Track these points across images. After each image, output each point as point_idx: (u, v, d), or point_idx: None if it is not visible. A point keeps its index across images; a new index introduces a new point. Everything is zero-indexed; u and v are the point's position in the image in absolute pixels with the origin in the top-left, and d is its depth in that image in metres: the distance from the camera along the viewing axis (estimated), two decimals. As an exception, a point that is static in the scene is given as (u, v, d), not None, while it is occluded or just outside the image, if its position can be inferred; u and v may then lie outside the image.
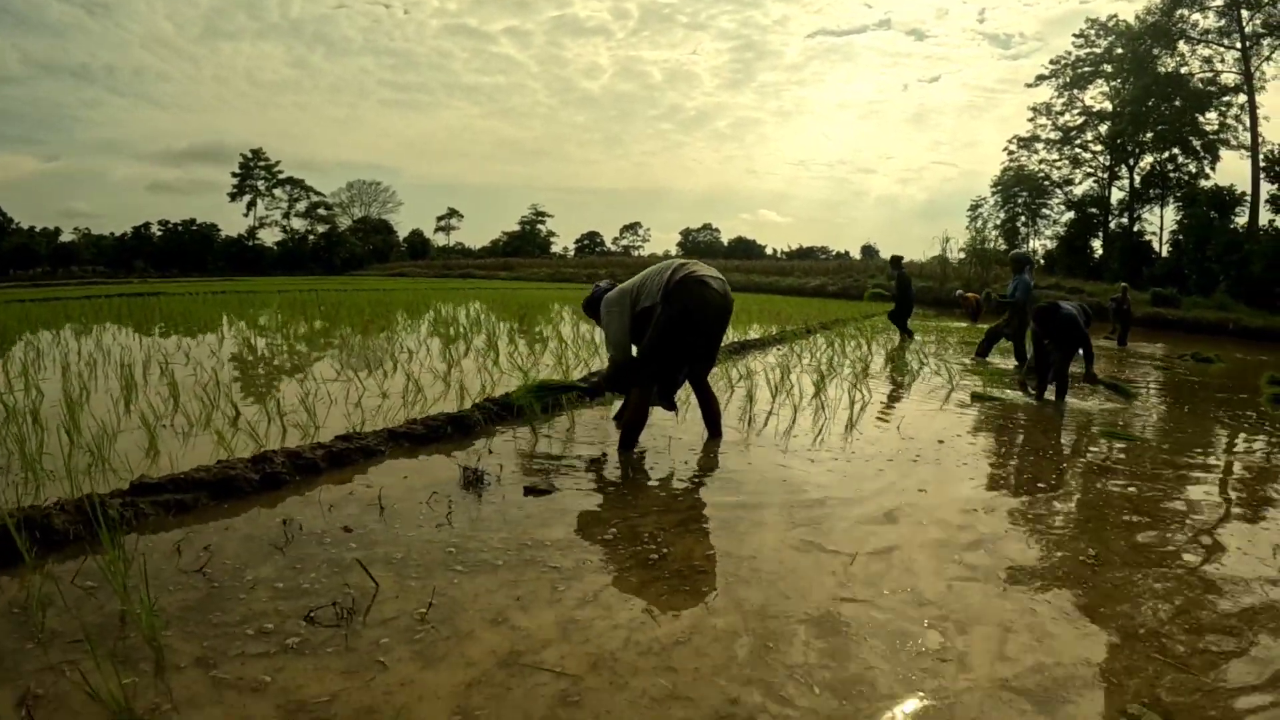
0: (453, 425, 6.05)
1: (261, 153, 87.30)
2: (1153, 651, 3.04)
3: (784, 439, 6.50)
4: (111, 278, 58.64)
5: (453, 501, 4.48)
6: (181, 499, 4.11)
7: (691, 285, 5.69)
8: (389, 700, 2.51)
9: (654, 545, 4.02)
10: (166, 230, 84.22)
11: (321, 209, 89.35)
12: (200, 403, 6.49)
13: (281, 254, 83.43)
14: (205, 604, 3.05)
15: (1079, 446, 7.05)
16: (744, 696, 2.62)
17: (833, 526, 4.37)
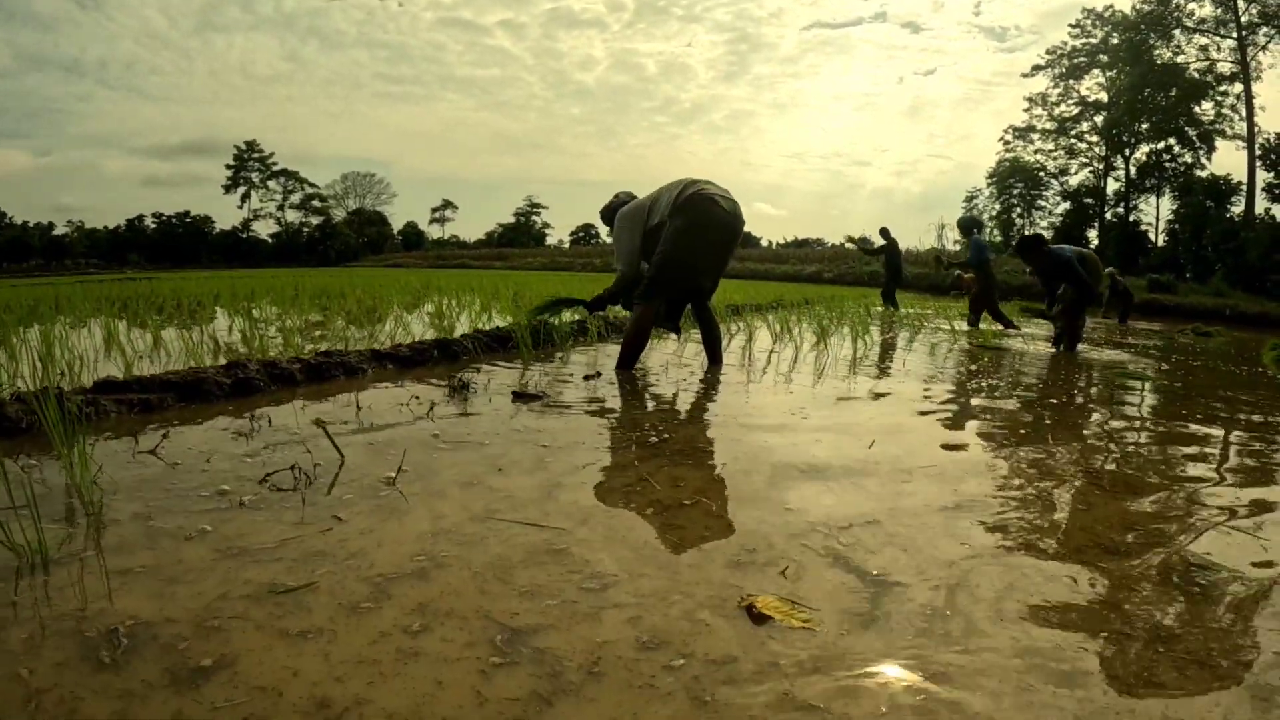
0: (439, 350, 5.89)
1: (256, 145, 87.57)
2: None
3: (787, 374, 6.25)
4: (105, 270, 58.31)
5: (435, 404, 4.29)
6: (147, 398, 3.89)
7: (701, 201, 5.61)
8: (342, 547, 2.29)
9: (654, 432, 3.91)
10: (160, 223, 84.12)
11: (316, 201, 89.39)
12: (184, 342, 6.27)
13: (276, 246, 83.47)
14: (160, 478, 2.84)
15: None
16: (753, 544, 2.43)
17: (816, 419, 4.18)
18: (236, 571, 2.11)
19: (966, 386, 6.19)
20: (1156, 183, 55.00)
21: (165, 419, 3.80)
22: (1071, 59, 57.35)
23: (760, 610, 1.96)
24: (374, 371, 5.27)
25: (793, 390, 5.40)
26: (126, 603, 1.92)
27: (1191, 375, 8.23)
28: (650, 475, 3.14)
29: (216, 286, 18.02)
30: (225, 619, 1.85)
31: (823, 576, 2.21)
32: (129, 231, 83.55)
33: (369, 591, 2.01)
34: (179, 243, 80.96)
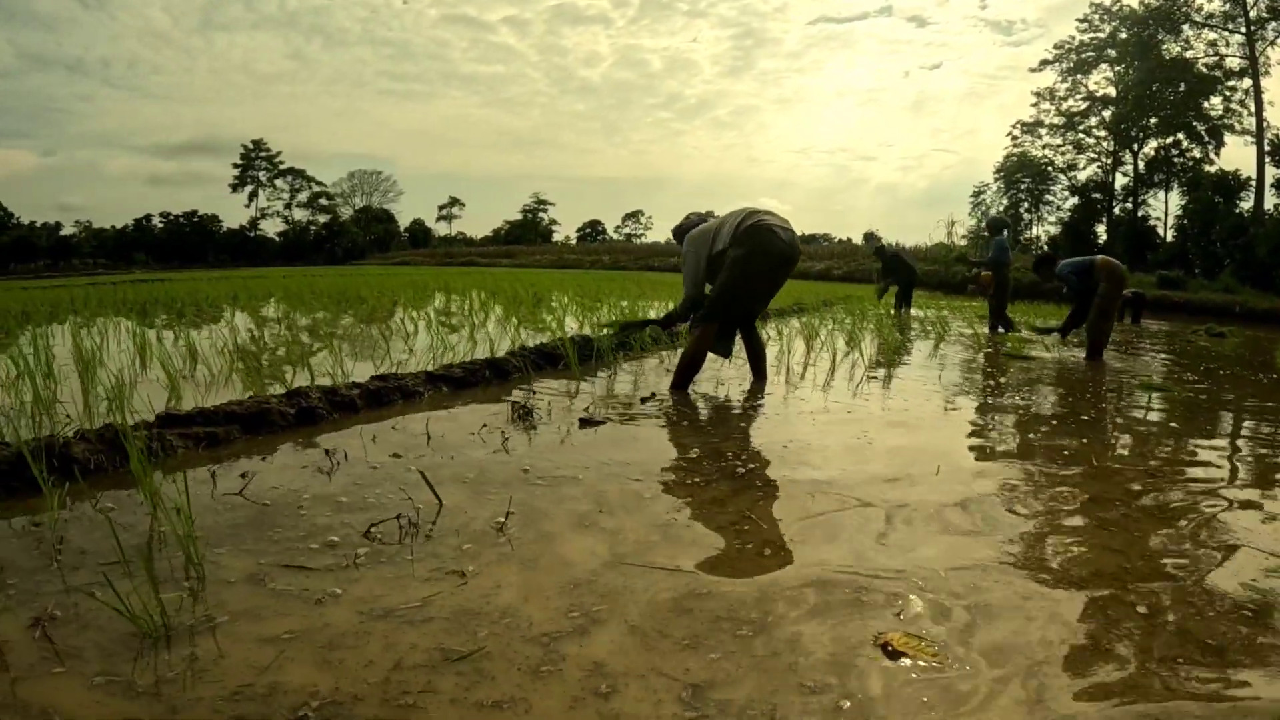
0: (490, 369, 5.85)
1: (263, 143, 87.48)
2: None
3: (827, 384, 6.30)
4: (113, 270, 58.32)
5: (505, 433, 4.24)
6: (212, 431, 3.82)
7: (761, 231, 5.75)
8: (488, 603, 2.27)
9: (738, 462, 3.91)
10: (168, 222, 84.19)
11: (323, 199, 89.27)
12: (222, 358, 6.21)
13: (283, 245, 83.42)
14: (256, 525, 2.77)
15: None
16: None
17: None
18: (395, 636, 2.07)
19: (1001, 404, 6.23)
20: (1165, 178, 54.76)
21: (234, 453, 3.75)
22: (1079, 54, 57.01)
23: (895, 648, 2.08)
24: (430, 394, 5.22)
25: (850, 411, 5.37)
26: (296, 677, 1.87)
27: (1215, 384, 8.18)
28: (750, 511, 3.17)
29: (232, 288, 18.01)
30: (415, 693, 1.83)
31: (940, 615, 2.31)
32: (136, 231, 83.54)
33: (541, 654, 2.02)
34: (186, 242, 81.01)
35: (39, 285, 25.72)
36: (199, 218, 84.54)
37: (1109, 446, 4.68)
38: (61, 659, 1.91)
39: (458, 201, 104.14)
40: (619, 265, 56.28)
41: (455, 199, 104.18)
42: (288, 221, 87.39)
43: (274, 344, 8.08)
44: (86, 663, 1.90)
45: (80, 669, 1.87)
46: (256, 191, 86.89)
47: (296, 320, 11.18)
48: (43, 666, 1.87)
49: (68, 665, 1.88)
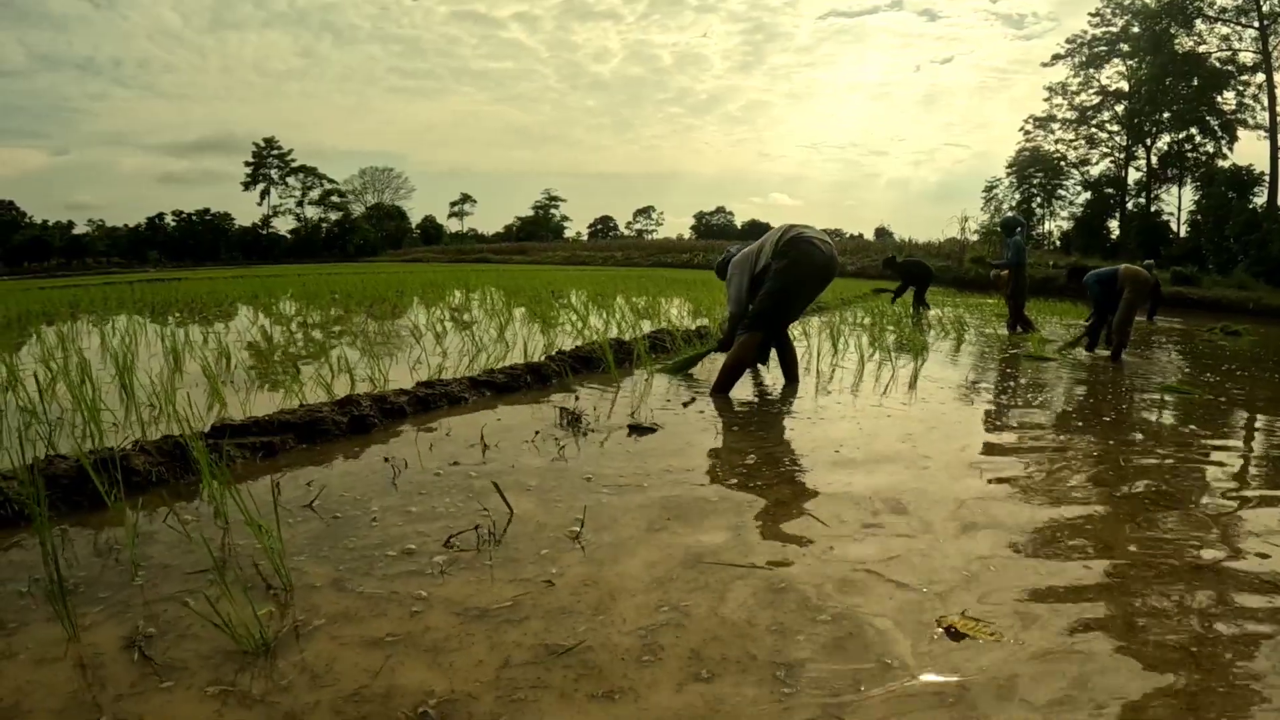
0: (531, 374, 5.89)
1: (274, 141, 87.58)
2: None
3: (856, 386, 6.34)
4: (127, 268, 58.41)
5: (558, 439, 4.28)
6: (268, 441, 3.84)
7: (801, 243, 5.94)
8: (579, 601, 2.36)
9: (794, 467, 4.00)
10: (180, 220, 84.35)
11: (335, 196, 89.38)
12: (257, 360, 6.26)
13: (295, 242, 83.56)
14: (331, 535, 2.80)
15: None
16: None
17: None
18: (497, 635, 2.14)
19: (1027, 405, 6.34)
20: (1178, 173, 54.67)
21: (292, 462, 3.77)
22: (1092, 48, 56.89)
23: (958, 629, 2.27)
24: (474, 399, 5.26)
25: (889, 413, 5.43)
26: (408, 679, 1.92)
27: (1235, 385, 8.24)
28: (813, 513, 3.25)
29: (251, 287, 18.06)
30: (527, 689, 1.90)
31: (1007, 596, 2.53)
32: (149, 230, 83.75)
33: (640, 645, 2.12)
34: (199, 240, 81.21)
35: (55, 284, 25.77)
36: (211, 216, 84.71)
37: (1131, 453, 4.71)
38: (166, 673, 1.93)
39: (469, 198, 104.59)
40: (631, 261, 56.32)
41: (467, 195, 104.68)
42: (299, 219, 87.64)
43: (305, 346, 8.12)
44: (193, 675, 1.92)
45: (189, 681, 1.90)
46: (268, 189, 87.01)
47: (322, 321, 11.23)
48: (146, 683, 1.89)
49: (174, 679, 1.90)
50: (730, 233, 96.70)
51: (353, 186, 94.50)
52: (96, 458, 3.20)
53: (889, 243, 58.59)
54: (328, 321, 11.31)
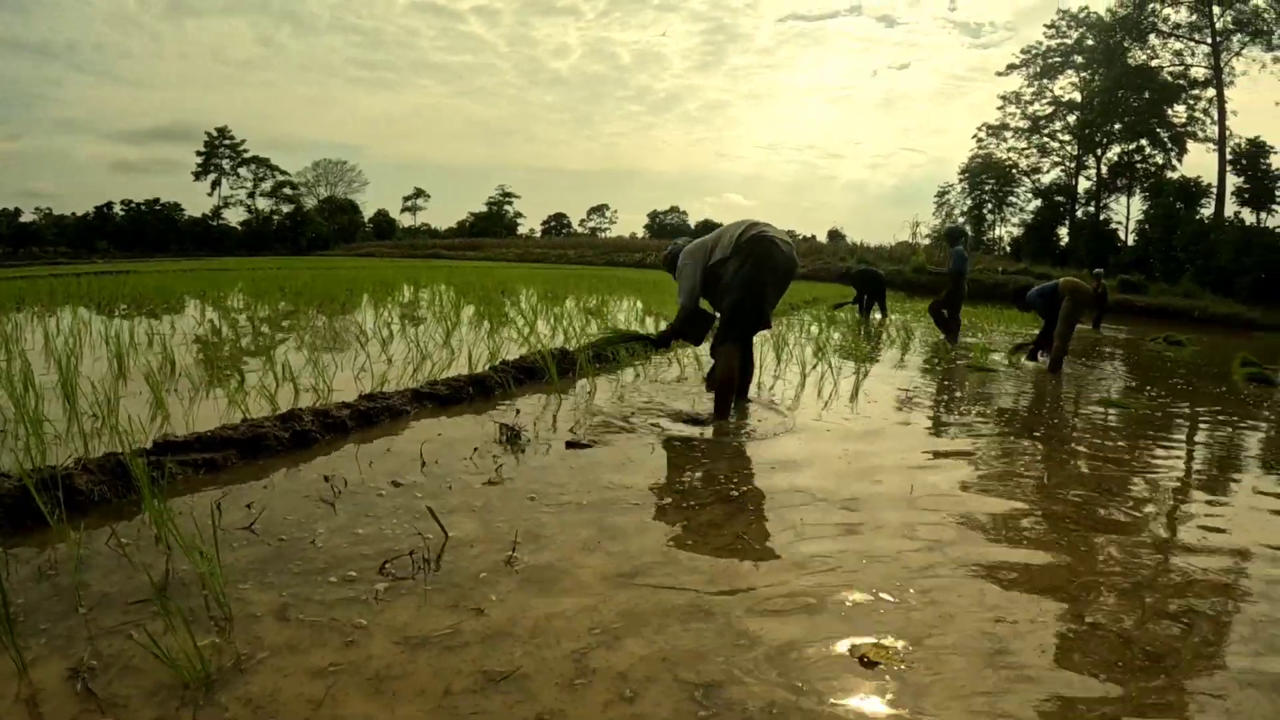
0: (474, 386, 5.91)
1: (227, 131, 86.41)
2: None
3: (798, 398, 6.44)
4: (75, 258, 57.57)
5: (496, 457, 4.33)
6: (211, 458, 3.85)
7: (764, 243, 5.77)
8: (516, 626, 2.46)
9: (730, 485, 4.09)
10: (129, 210, 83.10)
11: (287, 188, 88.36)
12: (202, 368, 6.24)
13: (246, 234, 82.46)
14: (274, 561, 2.84)
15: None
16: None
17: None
18: (437, 663, 2.22)
19: (966, 420, 6.60)
20: (1127, 183, 55.64)
21: (234, 478, 3.79)
22: (1046, 59, 57.76)
23: (870, 658, 2.40)
24: (416, 412, 5.28)
25: (829, 428, 5.60)
26: (351, 710, 1.99)
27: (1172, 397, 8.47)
28: (744, 533, 3.38)
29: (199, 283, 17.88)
30: (467, 716, 2.00)
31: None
32: (98, 219, 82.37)
33: (574, 669, 2.23)
34: (148, 230, 79.89)
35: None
36: (161, 206, 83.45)
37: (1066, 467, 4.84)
38: (109, 709, 1.96)
39: (423, 193, 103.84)
40: (584, 260, 56.37)
41: (421, 190, 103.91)
42: (251, 211, 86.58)
43: (252, 346, 8.10)
44: (136, 711, 1.96)
45: (131, 717, 1.93)
46: (220, 180, 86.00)
47: (270, 318, 11.18)
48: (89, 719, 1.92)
49: (116, 715, 1.94)
50: (683, 232, 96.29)
51: (305, 179, 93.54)
52: (39, 477, 3.19)
53: (841, 245, 58.95)
54: (275, 317, 11.28)
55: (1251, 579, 3.27)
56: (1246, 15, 47.76)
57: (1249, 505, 4.46)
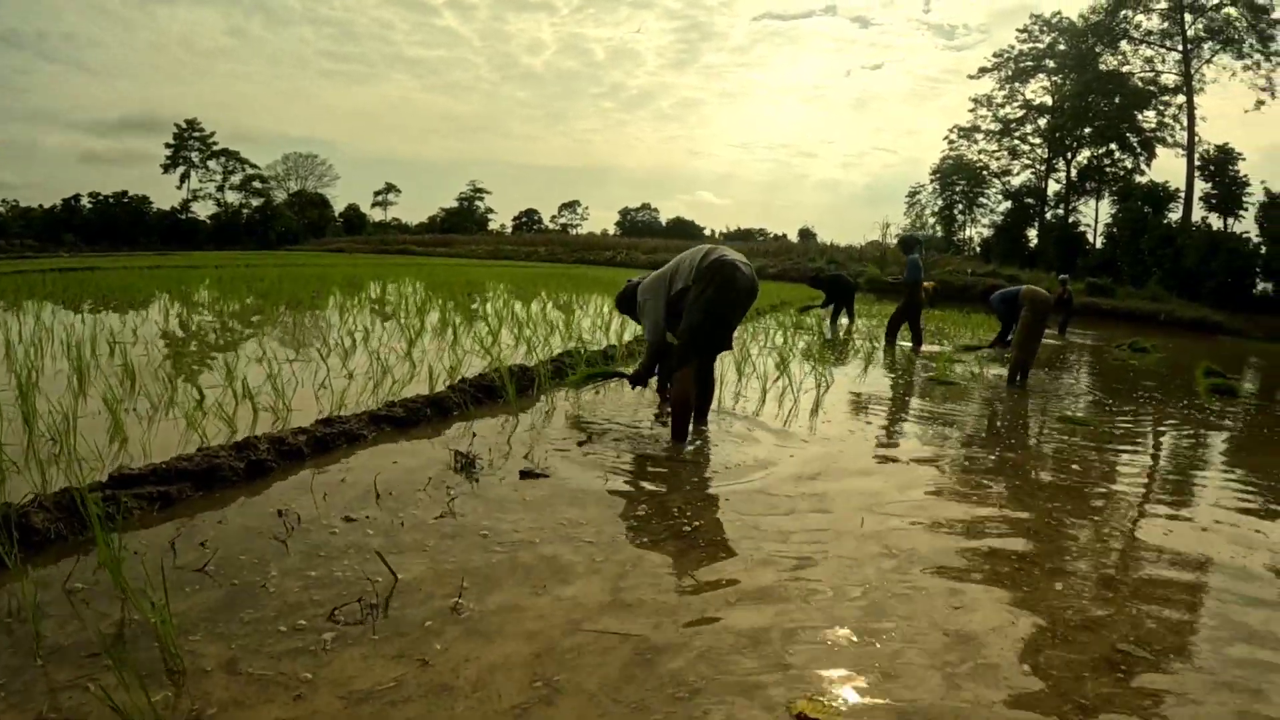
0: (432, 408, 5.90)
1: (196, 123, 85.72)
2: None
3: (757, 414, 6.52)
4: (40, 252, 56.92)
5: (450, 487, 4.33)
6: (165, 491, 3.85)
7: (725, 267, 5.75)
8: (459, 677, 2.48)
9: (684, 519, 4.11)
10: (97, 203, 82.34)
11: (257, 182, 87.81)
12: (161, 385, 6.22)
13: (215, 228, 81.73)
14: (226, 607, 2.84)
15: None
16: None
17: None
18: (381, 718, 2.24)
19: (924, 439, 6.66)
20: (1096, 186, 56.33)
21: (189, 510, 3.80)
22: (1018, 63, 58.24)
23: (807, 715, 2.40)
24: (374, 435, 5.28)
25: (791, 453, 5.65)
26: None
27: (1137, 412, 8.66)
28: (694, 572, 3.42)
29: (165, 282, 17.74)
30: None
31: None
32: (65, 211, 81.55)
33: None
34: (116, 223, 79.01)
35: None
36: (129, 199, 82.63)
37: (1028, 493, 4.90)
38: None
39: (394, 188, 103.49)
40: (555, 257, 56.33)
41: (391, 185, 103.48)
42: (220, 204, 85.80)
43: (214, 357, 8.05)
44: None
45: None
46: (189, 173, 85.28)
47: (231, 330, 11.11)
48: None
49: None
50: (655, 230, 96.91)
51: (275, 172, 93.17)
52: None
53: (812, 245, 59.26)
54: (238, 323, 11.22)
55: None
56: (1218, 23, 48.67)
57: (1207, 528, 4.55)
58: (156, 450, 4.53)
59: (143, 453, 4.53)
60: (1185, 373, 13.41)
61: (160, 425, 5.28)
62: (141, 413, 5.58)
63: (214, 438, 4.86)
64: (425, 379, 7.12)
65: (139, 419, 5.42)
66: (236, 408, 5.67)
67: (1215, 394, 10.96)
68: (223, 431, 5.04)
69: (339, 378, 7.04)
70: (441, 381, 6.94)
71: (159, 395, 6.01)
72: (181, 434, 4.99)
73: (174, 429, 5.16)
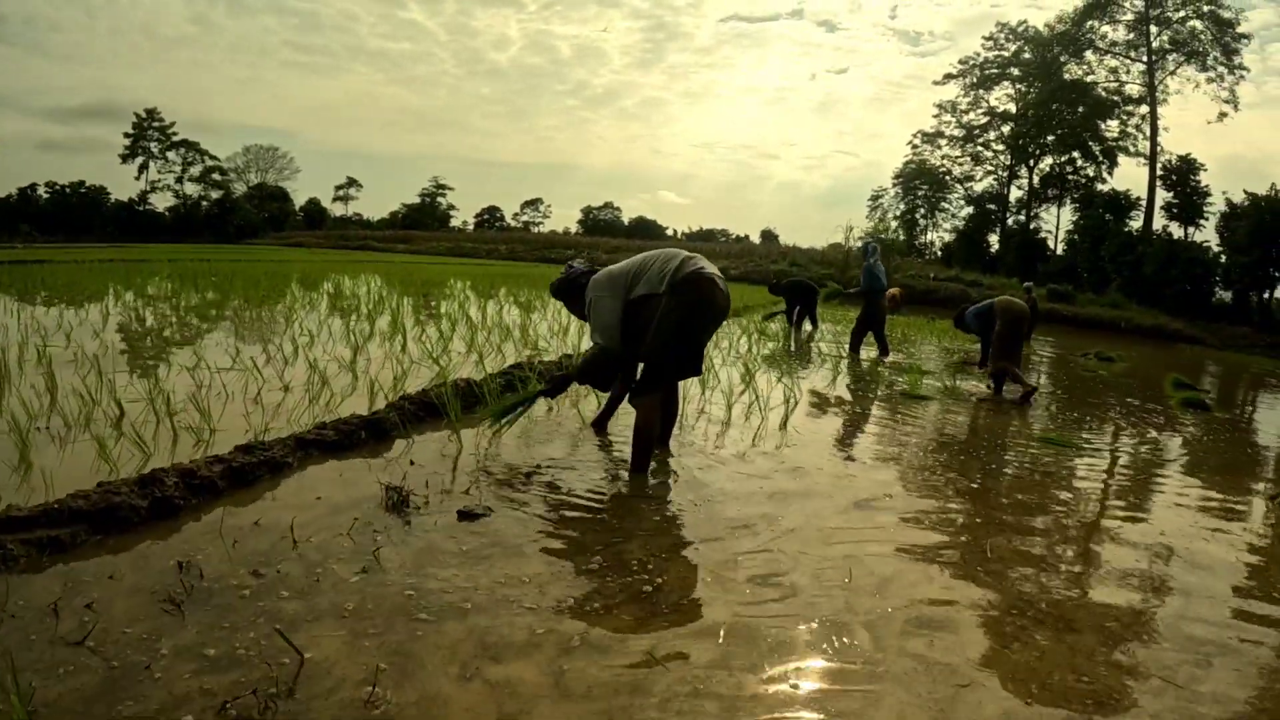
0: (367, 430, 5.46)
1: (156, 113, 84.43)
2: None
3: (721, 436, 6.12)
4: (-5, 242, 56.00)
5: (378, 532, 3.89)
6: (57, 535, 3.44)
7: (703, 283, 5.23)
8: None
9: (644, 575, 3.70)
10: (54, 192, 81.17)
11: (216, 174, 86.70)
12: (80, 398, 5.76)
13: (173, 220, 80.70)
14: (105, 692, 2.44)
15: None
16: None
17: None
18: None
19: (899, 461, 6.35)
20: (1058, 193, 56.88)
21: (84, 557, 3.39)
22: (983, 70, 58.55)
23: None
24: (301, 461, 4.85)
25: (762, 483, 5.25)
26: None
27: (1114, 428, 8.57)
28: (655, 648, 2.98)
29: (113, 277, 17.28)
30: None
31: None
32: (20, 201, 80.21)
33: None
34: (73, 214, 77.89)
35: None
36: (86, 189, 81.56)
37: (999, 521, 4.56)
38: None
39: (355, 182, 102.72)
40: (515, 255, 56.21)
41: (353, 179, 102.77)
42: (178, 196, 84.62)
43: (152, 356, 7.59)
44: None
45: None
46: (147, 163, 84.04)
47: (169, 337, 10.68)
48: None
49: None
50: (617, 229, 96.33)
51: (235, 164, 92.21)
52: None
53: (774, 247, 59.42)
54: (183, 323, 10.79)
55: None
56: (1183, 36, 49.38)
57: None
58: (62, 481, 4.12)
59: (45, 485, 4.10)
60: (1153, 384, 13.33)
61: (73, 448, 4.86)
62: (54, 432, 5.15)
63: (125, 465, 4.46)
64: (366, 393, 6.73)
65: (52, 440, 5.00)
66: (157, 427, 5.27)
67: (1187, 407, 10.90)
68: (135, 458, 4.63)
69: (274, 391, 6.63)
70: (383, 397, 6.55)
71: (77, 411, 5.55)
72: (92, 462, 4.55)
73: (85, 454, 4.72)
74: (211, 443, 5.06)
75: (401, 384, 7.04)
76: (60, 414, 5.52)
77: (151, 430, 5.23)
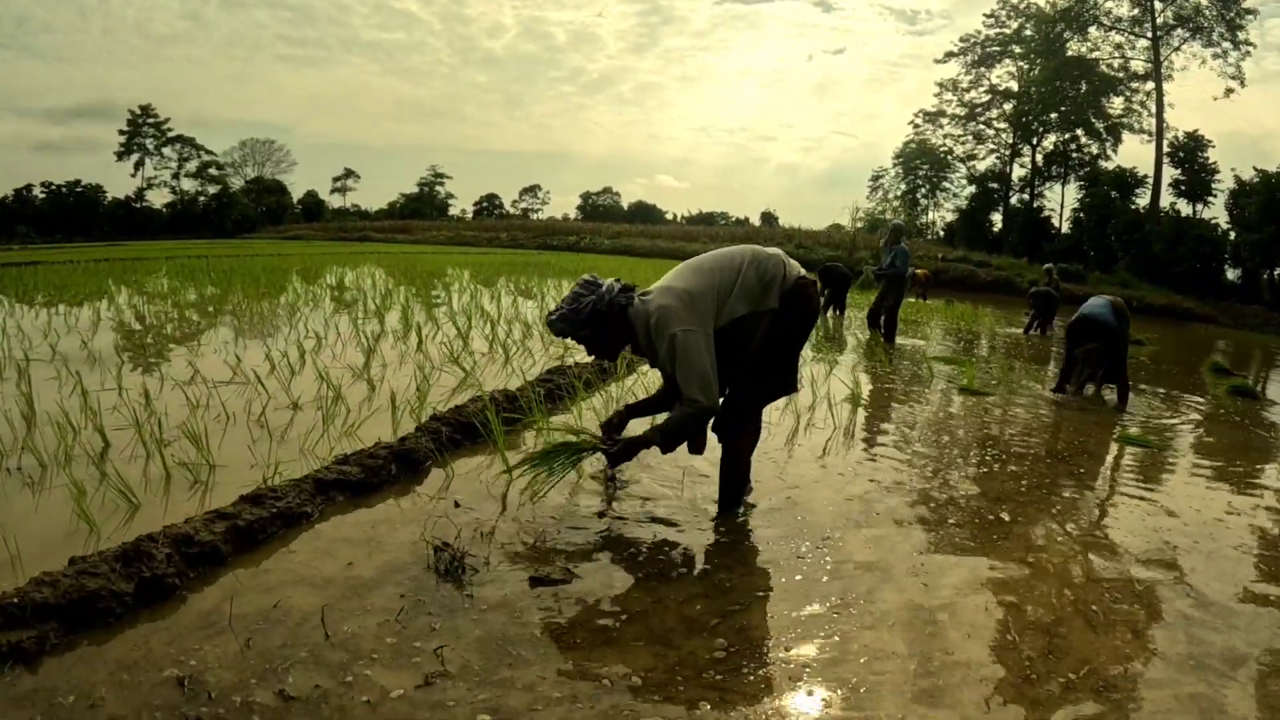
0: (397, 462, 4.58)
1: (151, 109, 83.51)
2: None
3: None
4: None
5: (432, 612, 3.03)
6: (19, 642, 2.60)
7: (810, 289, 4.24)
8: None
9: (786, 664, 2.83)
10: (50, 192, 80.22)
11: (213, 169, 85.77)
12: (58, 428, 4.91)
13: (171, 216, 79.89)
14: None
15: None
16: None
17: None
18: None
19: (988, 479, 5.29)
20: (1062, 171, 56.17)
21: (49, 674, 2.54)
22: (985, 48, 57.80)
23: None
24: (323, 510, 3.99)
25: (872, 510, 4.36)
26: None
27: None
28: None
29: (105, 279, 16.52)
30: None
31: None
32: (17, 202, 79.21)
33: None
34: (69, 213, 76.92)
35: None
36: (82, 188, 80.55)
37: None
38: None
39: (353, 173, 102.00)
40: (517, 243, 55.75)
41: (350, 170, 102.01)
42: (175, 192, 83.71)
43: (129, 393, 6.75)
44: None
45: None
46: (143, 160, 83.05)
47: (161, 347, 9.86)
48: None
49: None
50: (616, 214, 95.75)
51: (232, 159, 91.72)
52: None
53: (776, 229, 58.92)
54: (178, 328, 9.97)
55: None
56: (1188, 11, 48.83)
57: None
58: (29, 546, 3.32)
59: (11, 559, 3.27)
60: (1189, 368, 12.74)
61: (47, 497, 4.05)
62: (26, 475, 4.33)
63: (108, 520, 3.66)
64: (387, 407, 5.91)
65: (23, 485, 4.20)
66: (146, 464, 4.46)
67: (1236, 396, 10.46)
68: (120, 510, 3.82)
69: (280, 409, 5.83)
70: (408, 412, 5.75)
71: (55, 444, 4.73)
72: (69, 519, 3.72)
73: (60, 510, 3.87)
74: (211, 483, 4.28)
75: (425, 394, 6.27)
76: (34, 450, 4.67)
77: (140, 467, 4.44)
